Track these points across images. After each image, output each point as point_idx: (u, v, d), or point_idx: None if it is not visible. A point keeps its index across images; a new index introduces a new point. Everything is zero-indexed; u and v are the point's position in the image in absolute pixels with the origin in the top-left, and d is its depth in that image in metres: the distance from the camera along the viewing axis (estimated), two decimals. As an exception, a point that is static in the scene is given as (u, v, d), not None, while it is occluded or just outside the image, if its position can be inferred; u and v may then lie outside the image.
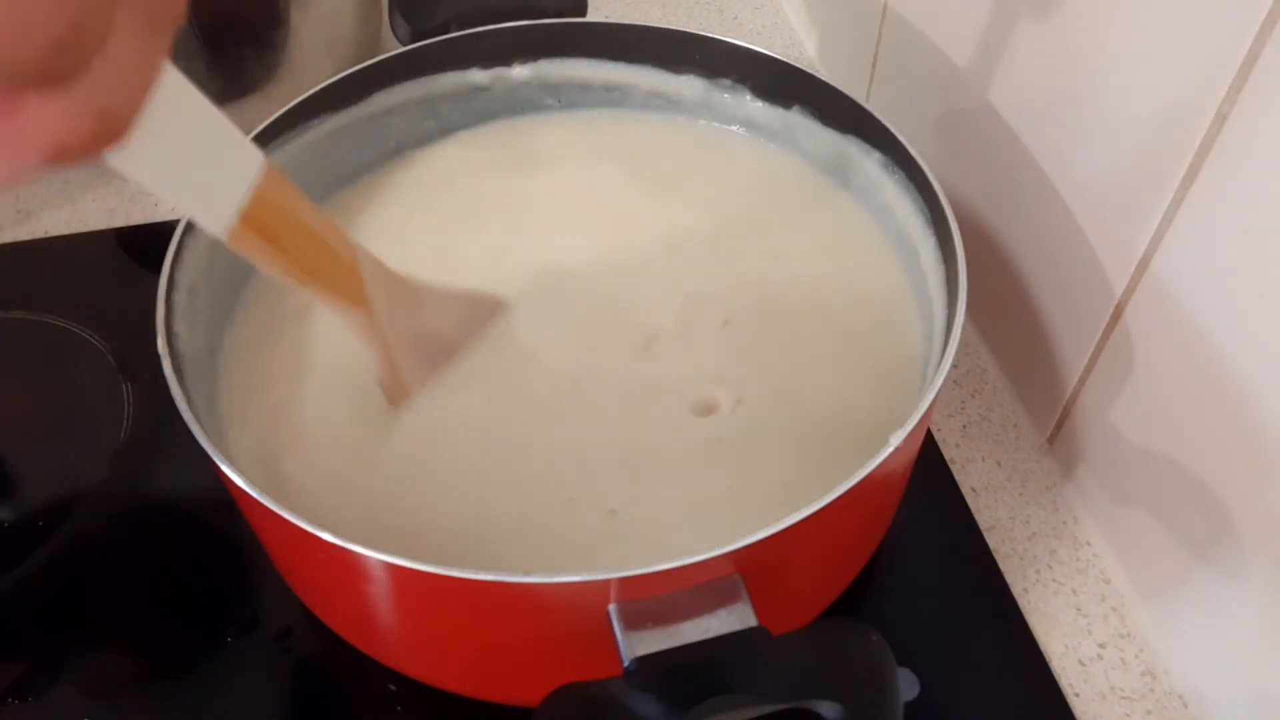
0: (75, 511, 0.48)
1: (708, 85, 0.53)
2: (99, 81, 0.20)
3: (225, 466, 0.34)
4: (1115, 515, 0.47)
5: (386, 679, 0.43)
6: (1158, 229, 0.41)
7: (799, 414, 0.42)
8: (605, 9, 0.80)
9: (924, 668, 0.32)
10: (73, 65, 0.20)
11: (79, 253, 0.61)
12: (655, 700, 0.29)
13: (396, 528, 0.39)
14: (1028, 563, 0.48)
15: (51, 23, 0.18)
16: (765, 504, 0.38)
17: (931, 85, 0.57)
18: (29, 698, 0.42)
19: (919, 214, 0.45)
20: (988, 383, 0.55)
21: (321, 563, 0.35)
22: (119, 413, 0.52)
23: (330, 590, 0.39)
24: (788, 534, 0.32)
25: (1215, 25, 0.36)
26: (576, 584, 0.31)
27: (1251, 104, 0.35)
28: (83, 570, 0.47)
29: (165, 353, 0.37)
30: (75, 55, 0.20)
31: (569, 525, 0.39)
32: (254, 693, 0.43)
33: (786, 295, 0.47)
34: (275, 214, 0.31)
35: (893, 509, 0.44)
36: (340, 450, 0.41)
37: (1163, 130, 0.39)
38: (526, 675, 0.37)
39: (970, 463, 0.52)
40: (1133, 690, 0.44)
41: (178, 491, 0.49)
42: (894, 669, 0.31)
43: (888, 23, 0.61)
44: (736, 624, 0.32)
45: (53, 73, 0.19)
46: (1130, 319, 0.44)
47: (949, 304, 0.41)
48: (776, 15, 0.81)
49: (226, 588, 0.46)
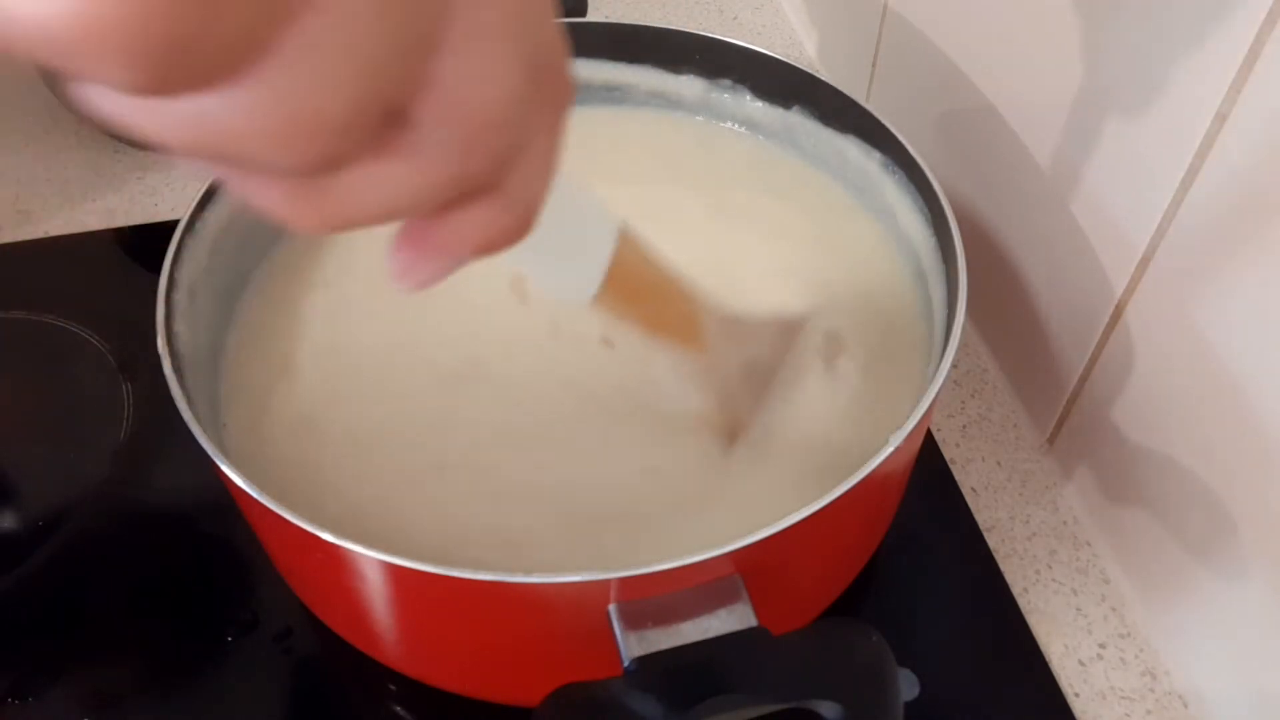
0: (75, 512, 0.48)
1: (708, 85, 0.53)
2: (520, 178, 0.20)
3: (225, 466, 0.34)
4: (1115, 515, 0.47)
5: (386, 679, 0.43)
6: (1158, 229, 0.41)
7: (798, 413, 0.42)
8: (605, 9, 0.80)
9: (924, 668, 0.32)
10: (508, 173, 0.20)
11: (79, 253, 0.61)
12: (655, 700, 0.29)
13: (396, 527, 0.39)
14: (1028, 563, 0.48)
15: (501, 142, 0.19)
16: (765, 504, 0.38)
17: (931, 85, 0.57)
18: (29, 698, 0.42)
19: (919, 214, 0.45)
20: (988, 383, 0.55)
21: (321, 563, 0.35)
22: (119, 413, 0.52)
23: (330, 590, 0.39)
24: (788, 534, 0.32)
25: (1215, 25, 0.36)
26: (576, 584, 0.31)
27: (1251, 104, 0.35)
28: (83, 570, 0.47)
29: (165, 353, 0.37)
30: (510, 165, 0.20)
31: (569, 524, 0.39)
32: (254, 693, 0.43)
33: (785, 294, 0.47)
34: (632, 276, 0.31)
35: (893, 509, 0.44)
36: (339, 450, 0.41)
37: (1163, 130, 0.39)
38: (526, 675, 0.37)
39: (970, 463, 0.52)
40: (1133, 690, 0.44)
41: (178, 491, 0.49)
42: (894, 669, 0.31)
43: (888, 23, 0.61)
44: (736, 624, 0.32)
45: (495, 182, 0.20)
46: (1130, 319, 0.44)
47: (949, 304, 0.41)
48: (776, 15, 0.81)
49: (226, 588, 0.46)
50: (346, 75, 0.15)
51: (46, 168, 0.66)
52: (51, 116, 0.69)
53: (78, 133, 0.68)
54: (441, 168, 0.18)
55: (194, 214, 0.43)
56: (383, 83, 0.16)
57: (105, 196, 0.64)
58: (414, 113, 0.17)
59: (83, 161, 0.67)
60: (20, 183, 0.65)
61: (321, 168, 0.17)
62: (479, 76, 0.18)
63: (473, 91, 0.18)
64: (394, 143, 0.18)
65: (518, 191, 0.20)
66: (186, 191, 0.65)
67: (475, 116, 0.18)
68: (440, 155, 0.18)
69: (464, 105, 0.18)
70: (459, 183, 0.19)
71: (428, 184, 0.18)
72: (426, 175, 0.18)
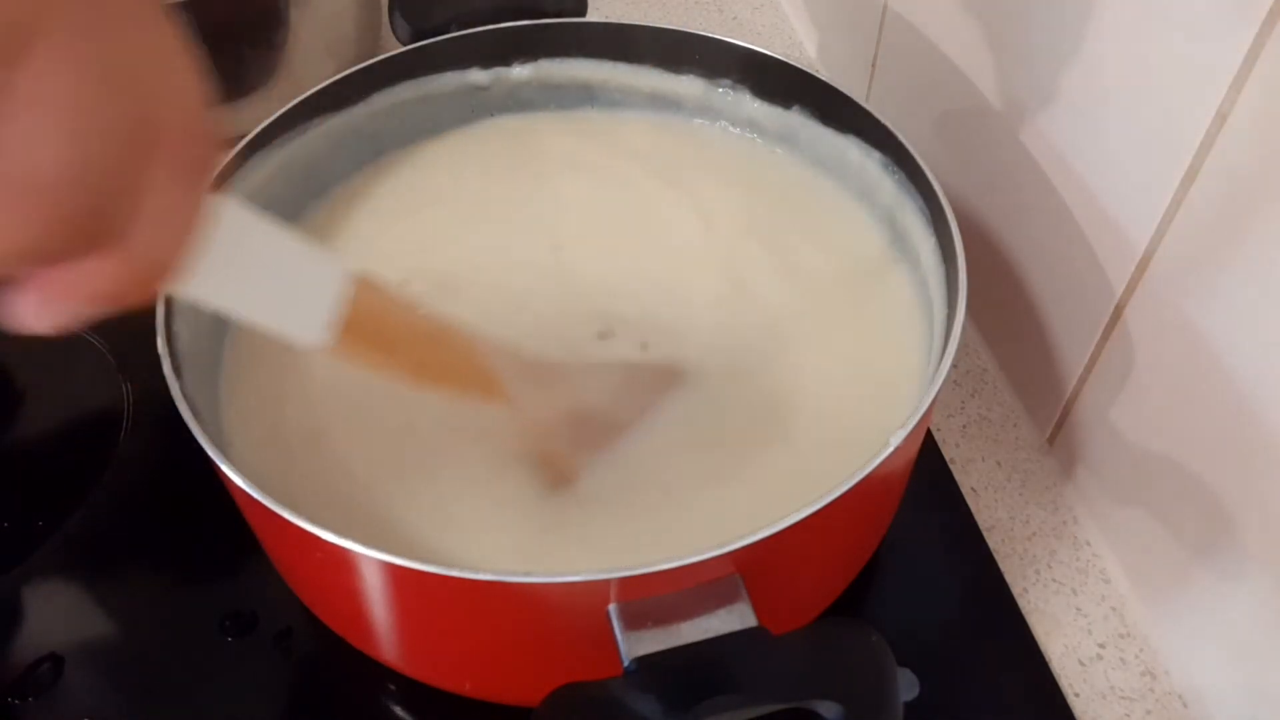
0: (75, 512, 0.48)
1: (708, 85, 0.53)
2: (139, 237, 0.21)
3: (225, 466, 0.34)
4: (1115, 515, 0.47)
5: (386, 679, 0.43)
6: (1158, 229, 0.41)
7: (798, 413, 0.42)
8: (605, 9, 0.80)
9: (924, 668, 0.32)
10: (105, 236, 0.21)
11: (79, 253, 0.61)
12: (655, 700, 0.29)
13: (397, 527, 0.39)
14: (1028, 563, 0.48)
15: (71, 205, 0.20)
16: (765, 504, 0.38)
17: (931, 85, 0.57)
18: (29, 698, 0.42)
19: (919, 214, 0.45)
20: (988, 383, 0.55)
21: (321, 562, 0.35)
22: (119, 413, 0.52)
23: (330, 590, 0.39)
24: (788, 534, 0.32)
25: (1215, 25, 0.36)
26: (576, 584, 0.31)
27: (1251, 104, 0.35)
28: (82, 570, 0.47)
29: (165, 353, 0.37)
30: (102, 229, 0.21)
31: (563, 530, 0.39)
32: (254, 693, 0.43)
33: (785, 294, 0.47)
34: (376, 322, 0.31)
35: (893, 509, 0.44)
36: (339, 449, 0.41)
37: (1163, 130, 0.39)
38: (526, 675, 0.37)
39: (970, 463, 0.52)
40: (1133, 690, 0.44)
41: (177, 491, 0.49)
42: (894, 669, 0.31)
43: (888, 23, 0.61)
44: (736, 624, 0.32)
45: (85, 247, 0.21)
46: (1130, 319, 0.44)
47: (949, 304, 0.41)
48: (776, 15, 0.81)
49: (226, 588, 0.46)
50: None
51: (46, 168, 0.66)
52: (51, 116, 0.69)
53: (78, 133, 0.68)
54: (8, 228, 0.19)
55: (194, 214, 0.43)
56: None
57: (105, 196, 0.64)
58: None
59: (83, 161, 0.66)
60: (20, 183, 0.65)
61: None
62: (34, 143, 0.19)
63: (26, 156, 0.19)
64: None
65: (137, 248, 0.21)
66: (186, 191, 0.65)
67: (30, 180, 0.19)
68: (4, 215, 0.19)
69: (16, 169, 0.19)
70: (37, 241, 0.20)
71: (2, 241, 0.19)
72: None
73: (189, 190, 0.22)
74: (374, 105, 0.51)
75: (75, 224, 0.20)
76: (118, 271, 0.21)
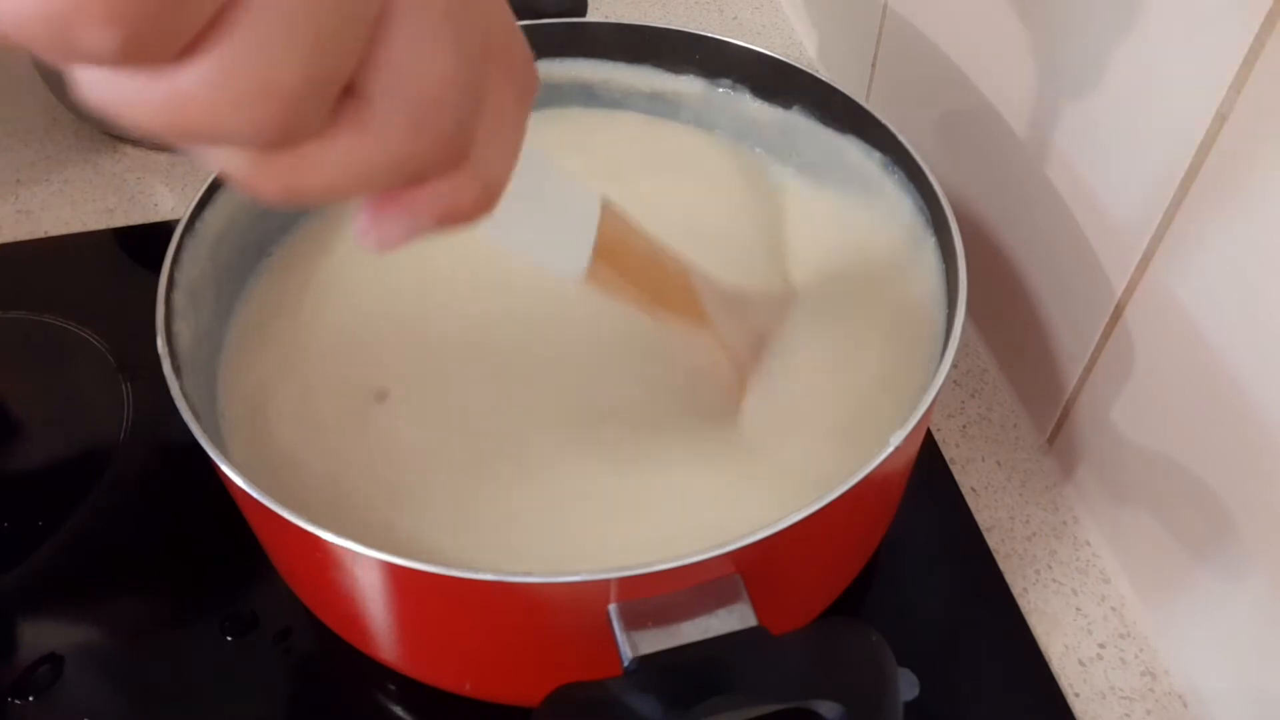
0: (75, 511, 0.48)
1: (708, 85, 0.53)
2: (481, 156, 0.22)
3: (225, 466, 0.34)
4: (1115, 515, 0.47)
5: (386, 679, 0.43)
6: (1158, 229, 0.41)
7: (797, 413, 0.42)
8: (605, 9, 0.80)
9: (924, 668, 0.32)
10: (460, 154, 0.21)
11: (79, 253, 0.61)
12: (655, 700, 0.29)
13: (397, 527, 0.39)
14: (1028, 563, 0.48)
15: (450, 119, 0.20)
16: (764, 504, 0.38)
17: (931, 85, 0.57)
18: (29, 697, 0.42)
19: (919, 214, 0.45)
20: (988, 383, 0.55)
21: (321, 563, 0.35)
22: (119, 413, 0.52)
23: (330, 590, 0.39)
24: (788, 534, 0.32)
25: (1215, 25, 0.36)
26: (576, 584, 0.31)
27: (1251, 104, 0.35)
28: (83, 570, 0.47)
29: (165, 353, 0.37)
30: (464, 145, 0.21)
31: (566, 517, 0.39)
32: (254, 693, 0.43)
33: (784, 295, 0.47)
34: (621, 248, 0.32)
35: (893, 509, 0.44)
36: (338, 448, 0.41)
37: (1163, 130, 0.39)
38: (526, 675, 0.37)
39: (970, 463, 0.52)
40: (1133, 690, 0.44)
41: (177, 491, 0.49)
42: (894, 669, 0.31)
43: (888, 23, 0.61)
44: (736, 624, 0.32)
45: (451, 163, 0.21)
46: (1130, 319, 0.44)
47: (949, 304, 0.41)
48: (776, 15, 0.81)
49: (226, 588, 0.46)
50: (295, 48, 0.17)
51: (46, 168, 0.66)
52: (51, 116, 0.69)
53: (77, 133, 0.68)
54: (393, 143, 0.19)
55: (194, 214, 0.43)
56: (329, 57, 0.17)
57: (105, 196, 0.64)
58: (364, 89, 0.19)
59: (83, 161, 0.67)
60: (20, 183, 0.65)
61: (280, 139, 0.18)
62: (424, 55, 0.19)
63: (418, 69, 0.19)
64: (348, 117, 0.19)
65: (479, 167, 0.22)
66: (186, 191, 0.65)
67: (422, 93, 0.19)
68: (391, 130, 0.19)
69: (409, 82, 0.19)
70: (413, 158, 0.20)
71: (382, 158, 0.19)
72: (379, 149, 0.19)
73: (520, 108, 0.22)
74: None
75: (451, 139, 0.20)
76: (459, 191, 0.22)
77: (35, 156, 0.67)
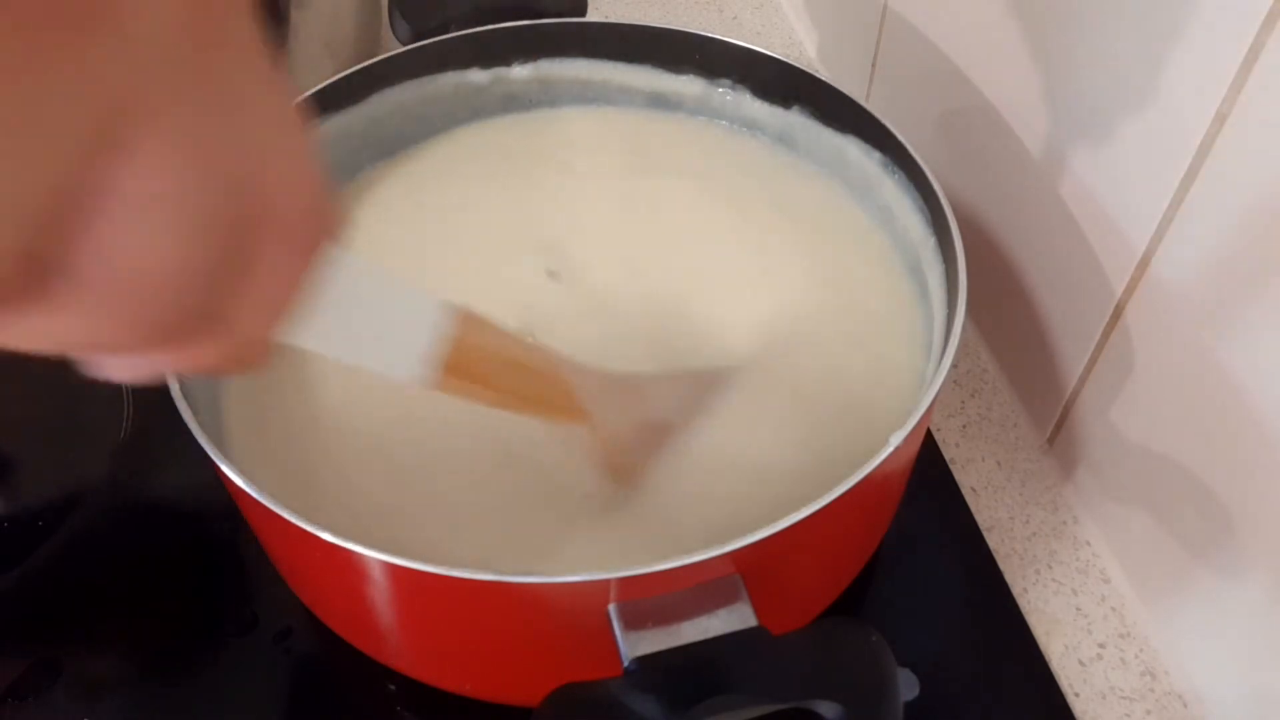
0: (75, 511, 0.48)
1: (708, 85, 0.53)
2: (241, 319, 0.20)
3: (225, 466, 0.34)
4: (1115, 515, 0.47)
5: (386, 679, 0.43)
6: (1158, 229, 0.41)
7: (796, 412, 0.42)
8: (605, 9, 0.80)
9: (924, 668, 0.32)
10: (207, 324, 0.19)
11: (79, 253, 0.61)
12: (655, 700, 0.29)
13: (396, 526, 0.39)
14: (1028, 563, 0.48)
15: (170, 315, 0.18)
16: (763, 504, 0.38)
17: (931, 85, 0.57)
18: (29, 698, 0.42)
19: (919, 214, 0.45)
20: (988, 383, 0.55)
21: (321, 563, 0.35)
22: (119, 413, 0.52)
23: (330, 590, 0.39)
24: (788, 534, 0.32)
25: (1215, 25, 0.36)
26: (576, 584, 0.31)
27: (1251, 104, 0.35)
28: (83, 570, 0.47)
29: (165, 353, 0.37)
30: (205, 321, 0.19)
31: (566, 517, 0.39)
32: (254, 693, 0.43)
33: (785, 294, 0.47)
34: (476, 357, 0.31)
35: (893, 509, 0.44)
36: (339, 449, 0.41)
37: (1163, 130, 0.39)
38: (526, 675, 0.37)
39: (970, 463, 0.52)
40: (1133, 690, 0.44)
41: (178, 491, 0.49)
42: (894, 669, 0.31)
43: (888, 23, 0.61)
44: (736, 624, 0.32)
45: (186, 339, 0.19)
46: (1130, 319, 0.44)
47: (949, 304, 0.41)
48: (776, 15, 0.81)
49: (226, 588, 0.46)
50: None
51: (46, 168, 0.66)
52: (51, 116, 0.69)
53: (78, 133, 0.68)
54: (112, 320, 0.18)
55: (194, 214, 0.43)
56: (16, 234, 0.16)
57: (105, 196, 0.64)
58: (68, 267, 0.17)
59: (83, 161, 0.66)
60: (20, 183, 0.65)
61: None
62: (136, 245, 0.17)
63: (125, 261, 0.17)
64: (54, 293, 0.17)
65: (242, 328, 0.20)
66: (186, 191, 0.65)
67: (129, 285, 0.17)
68: (105, 309, 0.18)
69: (121, 267, 0.17)
70: (120, 336, 0.18)
71: (100, 333, 0.18)
72: (95, 326, 0.18)
73: (296, 269, 0.21)
74: (373, 105, 0.51)
75: (179, 322, 0.19)
76: (217, 350, 0.20)
77: (35, 156, 0.67)
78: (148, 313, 0.18)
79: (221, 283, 0.19)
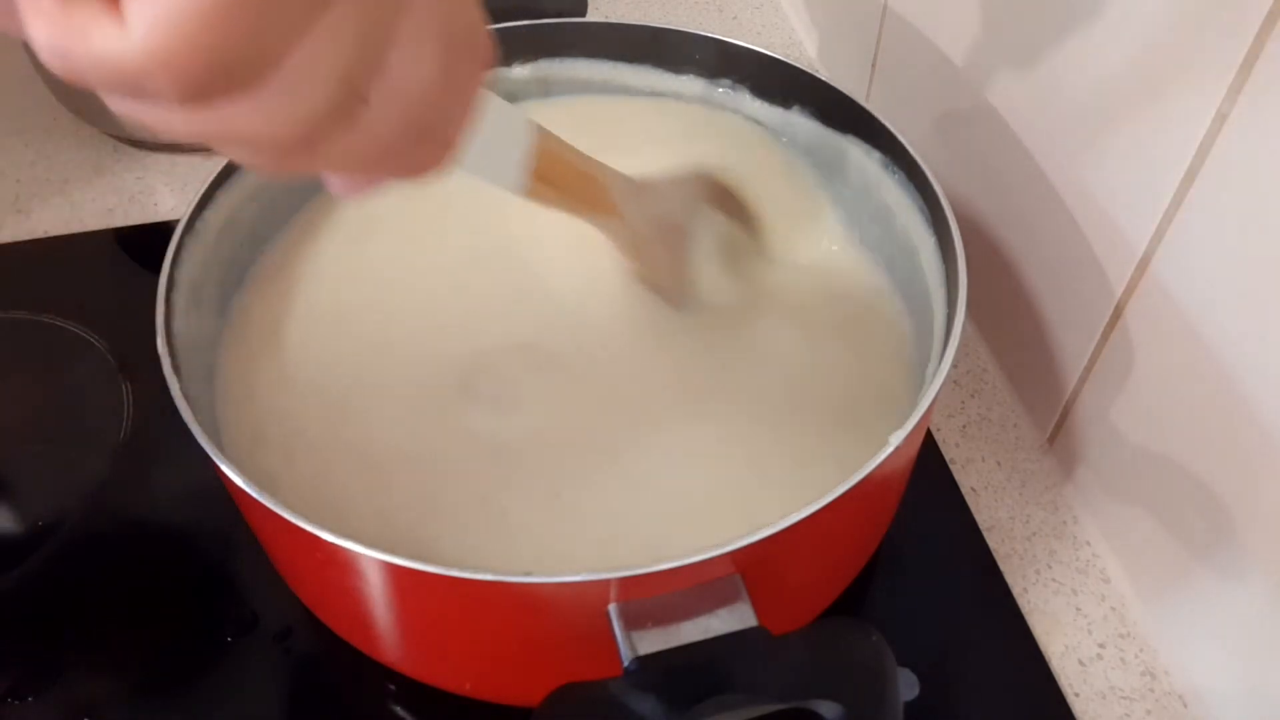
0: (75, 512, 0.48)
1: (708, 85, 0.53)
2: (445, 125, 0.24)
3: (225, 466, 0.34)
4: (1115, 515, 0.47)
5: (386, 679, 0.43)
6: (1158, 229, 0.41)
7: (796, 412, 0.42)
8: (605, 9, 0.80)
9: (924, 668, 0.32)
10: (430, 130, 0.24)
11: (79, 253, 0.61)
12: (655, 700, 0.29)
13: (396, 526, 0.39)
14: (1028, 563, 0.48)
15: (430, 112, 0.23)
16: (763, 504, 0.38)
17: (931, 85, 0.57)
18: (29, 698, 0.42)
19: (919, 214, 0.45)
20: (988, 383, 0.55)
21: (321, 563, 0.35)
22: (119, 413, 0.52)
23: (330, 590, 0.39)
24: (788, 534, 0.32)
25: (1215, 25, 0.36)
26: (576, 584, 0.31)
27: (1251, 104, 0.35)
28: (83, 570, 0.47)
29: (165, 353, 0.37)
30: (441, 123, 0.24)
31: (563, 522, 0.39)
32: (254, 693, 0.43)
33: (784, 293, 0.47)
34: (554, 164, 0.36)
35: (893, 509, 0.44)
36: (339, 449, 0.41)
37: (1163, 130, 0.39)
38: (526, 675, 0.37)
39: (970, 463, 0.52)
40: (1133, 690, 0.44)
41: (178, 491, 0.49)
42: (894, 669, 0.31)
43: (888, 23, 0.61)
44: (736, 624, 0.32)
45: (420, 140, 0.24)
46: (1130, 319, 0.44)
47: (949, 304, 0.41)
48: (776, 15, 0.81)
49: (226, 588, 0.46)
50: (326, 81, 0.20)
51: (46, 168, 0.66)
52: (51, 116, 0.69)
53: (77, 133, 0.68)
54: (387, 136, 0.22)
55: (194, 214, 0.43)
56: (352, 81, 0.21)
57: (105, 196, 0.64)
58: (368, 95, 0.22)
59: (83, 161, 0.67)
60: (20, 183, 0.65)
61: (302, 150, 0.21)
62: (415, 67, 0.22)
63: (411, 78, 0.22)
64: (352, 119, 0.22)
65: (445, 134, 0.25)
66: (186, 191, 0.65)
67: (413, 97, 0.22)
68: (385, 127, 0.22)
69: (405, 89, 0.22)
70: (401, 143, 0.23)
71: (378, 148, 0.23)
72: (377, 142, 0.22)
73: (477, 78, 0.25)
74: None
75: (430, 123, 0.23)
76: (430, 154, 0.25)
77: (35, 156, 0.67)
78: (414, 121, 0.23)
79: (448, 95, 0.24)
